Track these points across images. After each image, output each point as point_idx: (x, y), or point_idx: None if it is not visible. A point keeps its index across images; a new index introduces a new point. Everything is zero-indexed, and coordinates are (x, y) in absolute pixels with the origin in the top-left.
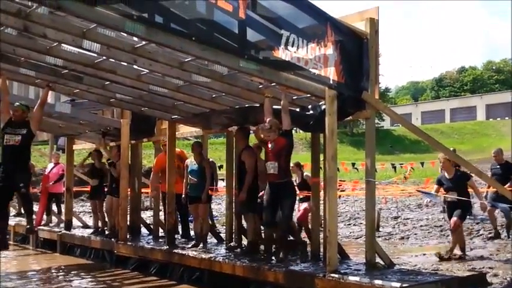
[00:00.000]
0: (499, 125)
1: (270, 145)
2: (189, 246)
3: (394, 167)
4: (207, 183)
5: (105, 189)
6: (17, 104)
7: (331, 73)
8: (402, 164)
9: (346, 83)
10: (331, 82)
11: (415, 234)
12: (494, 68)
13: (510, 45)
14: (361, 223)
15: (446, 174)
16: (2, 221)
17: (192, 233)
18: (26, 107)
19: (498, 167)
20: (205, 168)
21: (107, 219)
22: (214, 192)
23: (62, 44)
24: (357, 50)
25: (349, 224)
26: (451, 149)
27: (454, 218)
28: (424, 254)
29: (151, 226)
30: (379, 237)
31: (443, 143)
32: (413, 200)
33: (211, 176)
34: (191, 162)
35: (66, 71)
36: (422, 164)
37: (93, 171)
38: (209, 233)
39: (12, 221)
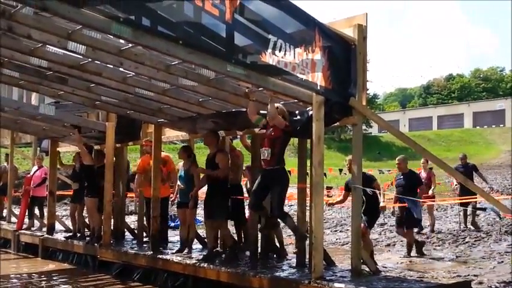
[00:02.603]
0: (485, 132)
1: (268, 130)
2: (174, 251)
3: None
4: (195, 189)
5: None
6: None
7: (318, 79)
8: (389, 170)
9: (333, 89)
10: (318, 88)
11: (401, 241)
12: (481, 76)
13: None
14: (347, 229)
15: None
16: None
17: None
18: None
19: (401, 177)
20: (193, 174)
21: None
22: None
23: (47, 45)
24: (345, 56)
25: (336, 231)
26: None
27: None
28: (410, 261)
29: (136, 231)
30: None
31: (430, 150)
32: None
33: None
34: (181, 167)
35: (51, 72)
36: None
37: (74, 174)
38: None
39: None
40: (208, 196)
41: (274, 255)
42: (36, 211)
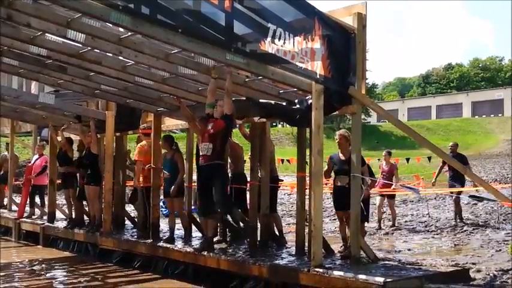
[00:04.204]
0: (484, 122)
1: (209, 126)
2: (164, 240)
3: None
4: (178, 177)
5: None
6: None
7: (318, 67)
8: None
9: (333, 78)
10: (318, 76)
11: (400, 229)
12: (480, 65)
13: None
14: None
15: (340, 154)
16: None
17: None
18: None
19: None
20: (177, 162)
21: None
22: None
23: (46, 34)
24: (344, 44)
25: (335, 219)
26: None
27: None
28: (409, 250)
29: (136, 219)
30: None
31: (429, 139)
32: (398, 196)
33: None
34: (164, 156)
35: (50, 61)
36: (407, 160)
37: (62, 157)
38: (194, 227)
39: None
40: None
41: (274, 244)
42: (37, 199)
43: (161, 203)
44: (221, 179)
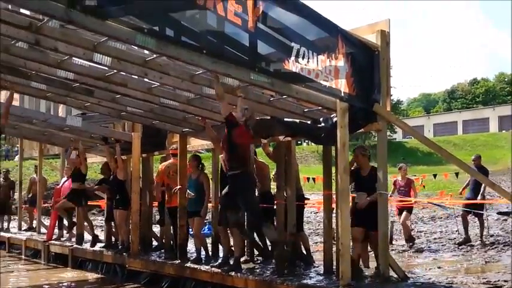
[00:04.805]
0: None
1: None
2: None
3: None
4: (206, 198)
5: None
6: None
7: (342, 85)
8: (415, 176)
9: (357, 95)
10: (342, 94)
11: (429, 247)
12: (506, 79)
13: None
14: None
15: (361, 170)
16: None
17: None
18: None
19: None
20: (202, 183)
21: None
22: None
23: (73, 58)
24: (368, 62)
25: None
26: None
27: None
28: (439, 267)
29: (163, 240)
30: (392, 250)
31: (455, 155)
32: (426, 213)
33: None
34: (189, 176)
35: (77, 84)
36: (434, 176)
37: (76, 174)
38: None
39: (23, 236)
40: None
41: (301, 263)
42: (65, 222)
43: None
44: (247, 188)
